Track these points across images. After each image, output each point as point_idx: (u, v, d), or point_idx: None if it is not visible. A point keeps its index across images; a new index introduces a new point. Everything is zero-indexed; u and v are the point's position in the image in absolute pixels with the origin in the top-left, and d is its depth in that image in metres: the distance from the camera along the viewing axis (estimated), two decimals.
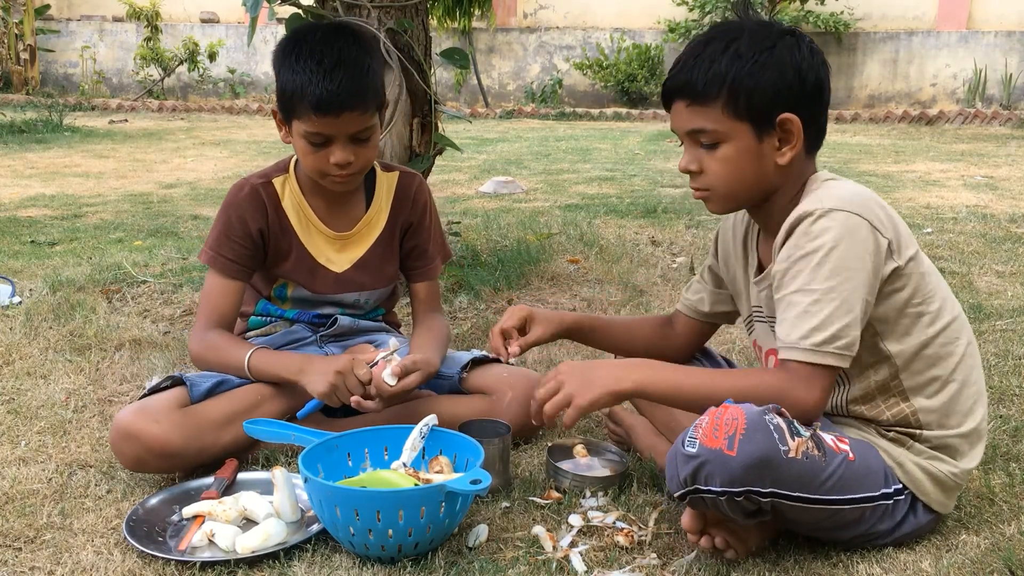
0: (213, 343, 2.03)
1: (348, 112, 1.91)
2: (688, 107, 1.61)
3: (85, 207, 5.34)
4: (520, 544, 1.64)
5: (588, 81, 12.64)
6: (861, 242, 1.51)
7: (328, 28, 2.00)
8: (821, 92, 1.61)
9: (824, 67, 1.61)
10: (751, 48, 1.56)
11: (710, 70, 1.57)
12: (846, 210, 1.51)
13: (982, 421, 1.66)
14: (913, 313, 1.58)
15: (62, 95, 12.35)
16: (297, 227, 2.11)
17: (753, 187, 1.64)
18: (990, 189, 5.71)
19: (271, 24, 11.73)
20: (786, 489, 1.45)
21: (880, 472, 1.57)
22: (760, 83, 1.56)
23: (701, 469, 1.44)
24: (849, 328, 1.50)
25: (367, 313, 2.26)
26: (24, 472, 1.93)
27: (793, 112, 1.58)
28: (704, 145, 1.62)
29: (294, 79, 1.90)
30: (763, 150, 1.60)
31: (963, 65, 11.52)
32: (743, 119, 1.58)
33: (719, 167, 1.61)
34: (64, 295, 3.19)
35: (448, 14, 4.61)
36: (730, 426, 1.43)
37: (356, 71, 1.91)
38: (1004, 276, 3.53)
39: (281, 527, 1.65)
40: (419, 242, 2.22)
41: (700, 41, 1.62)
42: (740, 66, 1.56)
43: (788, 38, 1.58)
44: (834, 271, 1.50)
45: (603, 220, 4.60)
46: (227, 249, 2.05)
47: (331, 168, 1.96)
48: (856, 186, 1.61)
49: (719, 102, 1.57)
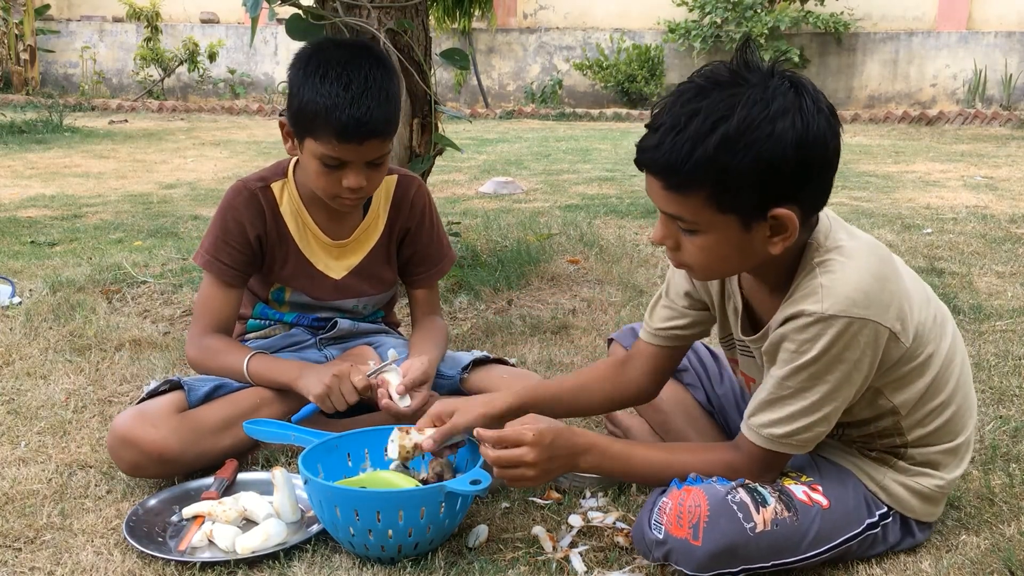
0: (211, 347, 2.03)
1: (370, 140, 1.89)
2: (664, 190, 1.38)
3: (85, 207, 5.34)
4: (520, 544, 1.64)
5: (588, 81, 12.64)
6: (859, 346, 1.40)
7: (353, 48, 1.95)
8: (828, 167, 1.39)
9: (833, 133, 1.37)
10: (744, 131, 1.30)
11: (693, 155, 1.32)
12: (848, 315, 1.38)
13: (971, 433, 1.63)
14: (917, 364, 1.50)
15: (62, 95, 12.33)
16: (295, 233, 2.10)
17: (739, 268, 1.51)
18: (990, 189, 5.71)
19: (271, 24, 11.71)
20: (760, 563, 1.47)
21: (861, 506, 1.56)
22: (752, 178, 1.32)
23: (670, 555, 1.47)
24: (814, 426, 1.47)
25: (366, 317, 2.26)
26: (24, 472, 1.93)
27: (790, 201, 1.36)
28: (682, 229, 1.43)
29: (318, 100, 1.85)
30: (751, 239, 1.40)
31: (963, 65, 11.52)
32: (728, 212, 1.37)
33: (698, 252, 1.44)
34: (64, 295, 3.18)
35: (448, 14, 4.61)
36: (693, 513, 1.43)
37: (382, 98, 1.88)
38: (1004, 276, 3.53)
39: (281, 527, 1.65)
40: (418, 248, 2.20)
41: (684, 110, 1.34)
42: (730, 156, 1.31)
43: (792, 106, 1.32)
44: (814, 375, 1.43)
45: (603, 220, 4.60)
46: (224, 254, 2.03)
47: (343, 191, 1.94)
48: (864, 260, 1.43)
49: (701, 194, 1.35)
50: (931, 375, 1.52)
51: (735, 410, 1.94)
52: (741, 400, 1.94)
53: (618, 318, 3.03)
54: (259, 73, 13.59)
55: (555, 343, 2.82)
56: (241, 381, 2.01)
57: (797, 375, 1.44)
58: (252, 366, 1.99)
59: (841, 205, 5.10)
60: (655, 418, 1.98)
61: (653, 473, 1.59)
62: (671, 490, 1.50)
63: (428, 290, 2.25)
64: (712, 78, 1.37)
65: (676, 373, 1.96)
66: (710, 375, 1.97)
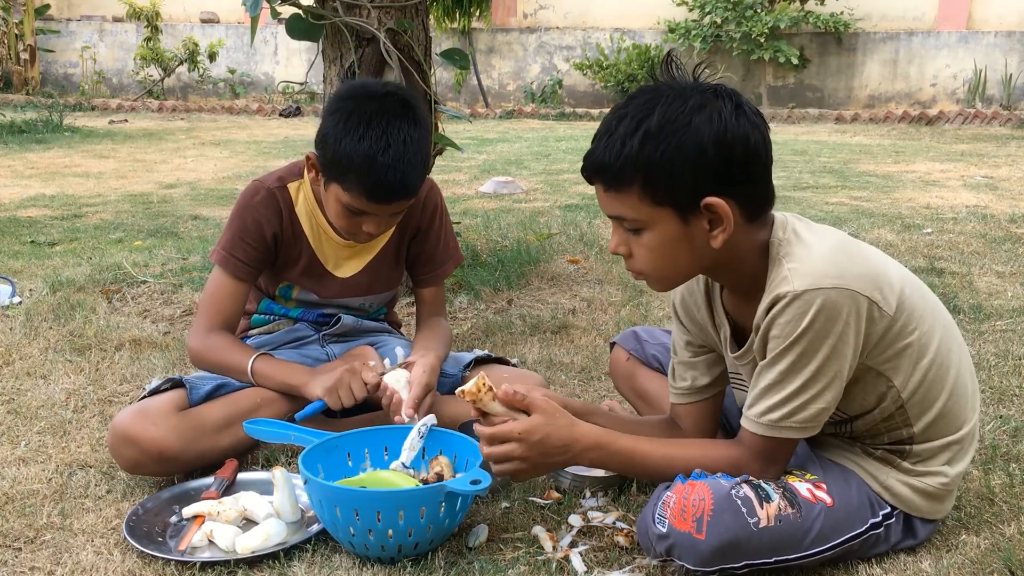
0: (215, 345, 2.03)
1: (400, 201, 1.93)
2: (605, 192, 1.48)
3: (85, 207, 5.34)
4: (520, 544, 1.64)
5: (588, 81, 12.64)
6: (841, 317, 1.42)
7: (395, 104, 1.92)
8: (754, 162, 1.45)
9: (758, 129, 1.45)
10: (664, 126, 1.41)
11: (622, 154, 1.42)
12: (821, 287, 1.41)
13: (975, 425, 1.63)
14: (911, 341, 1.51)
15: (62, 95, 12.34)
16: (309, 233, 2.11)
17: (689, 269, 1.55)
18: (990, 189, 5.71)
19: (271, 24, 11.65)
20: (762, 559, 1.47)
21: (864, 505, 1.56)
22: (676, 167, 1.41)
23: (673, 549, 1.47)
24: (809, 404, 1.47)
25: (370, 315, 2.27)
26: (24, 472, 1.93)
27: (721, 192, 1.43)
28: (628, 230, 1.50)
29: (353, 158, 1.86)
30: (692, 233, 1.47)
31: (963, 65, 11.52)
32: (663, 205, 1.45)
33: (646, 254, 1.50)
34: (64, 295, 3.19)
35: (447, 14, 4.61)
36: (697, 507, 1.44)
37: (416, 162, 1.90)
38: (1004, 276, 3.53)
39: (281, 527, 1.65)
40: (427, 247, 2.22)
41: (613, 116, 1.46)
42: (652, 148, 1.41)
43: (710, 104, 1.42)
44: (803, 354, 1.44)
45: (603, 220, 4.60)
46: (240, 251, 2.04)
47: (360, 234, 1.98)
48: (826, 240, 1.50)
49: (634, 189, 1.44)
50: (928, 358, 1.52)
51: (737, 412, 1.93)
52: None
53: (618, 318, 3.04)
54: (259, 73, 13.58)
55: (555, 343, 2.82)
56: (242, 380, 2.01)
57: (785, 356, 1.46)
58: (257, 366, 1.99)
59: (841, 205, 5.11)
60: None
61: (657, 469, 1.59)
62: (675, 484, 1.50)
63: (434, 290, 2.26)
64: (640, 88, 1.50)
65: None
66: None
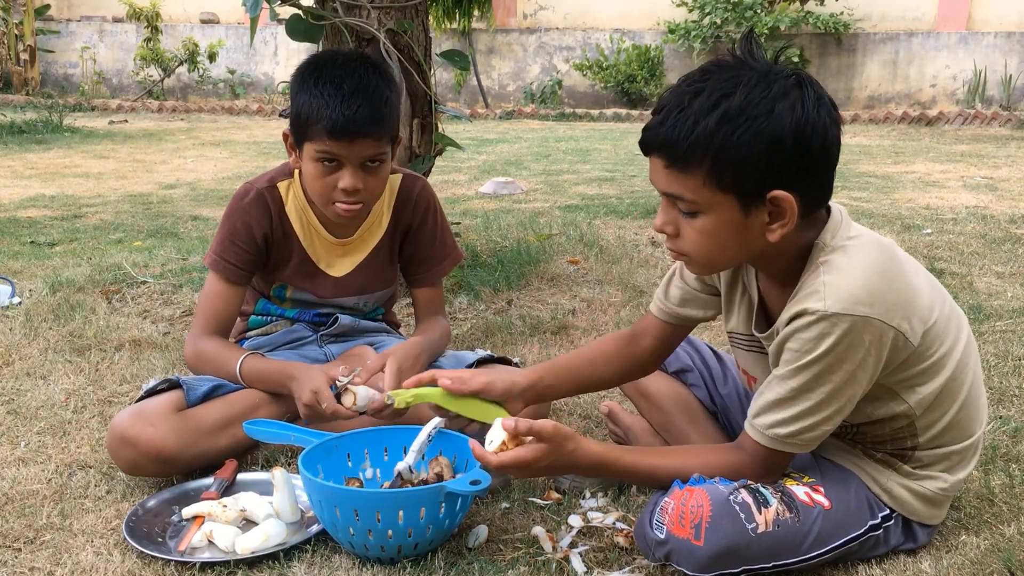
0: (207, 350, 2.04)
1: (362, 138, 1.91)
2: (666, 168, 1.40)
3: (85, 207, 5.34)
4: (520, 545, 1.64)
5: (588, 82, 12.64)
6: (863, 345, 1.39)
7: (349, 55, 2.00)
8: (826, 157, 1.40)
9: (836, 124, 1.40)
10: (745, 109, 1.34)
11: (694, 132, 1.35)
12: (850, 313, 1.38)
13: (980, 436, 1.62)
14: (929, 364, 1.49)
15: (62, 96, 12.35)
16: (299, 232, 2.11)
17: (736, 258, 1.50)
18: (990, 190, 5.71)
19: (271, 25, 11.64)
20: (760, 564, 1.47)
21: (863, 507, 1.55)
22: (751, 155, 1.34)
23: (671, 555, 1.47)
24: (818, 425, 1.47)
25: (367, 315, 2.26)
26: (24, 472, 1.93)
27: (789, 186, 1.37)
28: (682, 211, 1.44)
29: (311, 102, 1.90)
30: (749, 224, 1.41)
31: (963, 66, 11.52)
32: (727, 191, 1.38)
33: (697, 237, 1.44)
34: (64, 295, 3.18)
35: (447, 15, 4.61)
36: (695, 514, 1.44)
37: (374, 99, 1.92)
38: (1004, 277, 3.53)
39: (281, 528, 1.65)
40: (421, 246, 2.21)
41: (688, 89, 1.38)
42: (729, 131, 1.34)
43: (793, 92, 1.36)
44: (819, 375, 1.42)
45: (603, 221, 4.60)
46: (231, 254, 2.04)
47: (338, 194, 1.95)
48: (870, 258, 1.43)
49: (701, 170, 1.37)
50: (944, 376, 1.50)
51: (739, 411, 1.94)
52: (745, 400, 1.94)
53: (618, 318, 3.04)
54: (259, 73, 13.59)
55: (555, 343, 2.82)
56: (236, 384, 2.01)
57: (801, 374, 1.44)
58: (245, 368, 1.99)
59: (841, 205, 5.10)
60: (656, 418, 1.98)
61: (658, 480, 1.60)
62: (673, 490, 1.50)
63: (429, 289, 2.25)
64: (717, 62, 1.41)
65: (680, 373, 1.97)
66: (713, 376, 1.97)
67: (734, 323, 1.67)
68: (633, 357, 1.83)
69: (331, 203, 1.98)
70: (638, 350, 1.82)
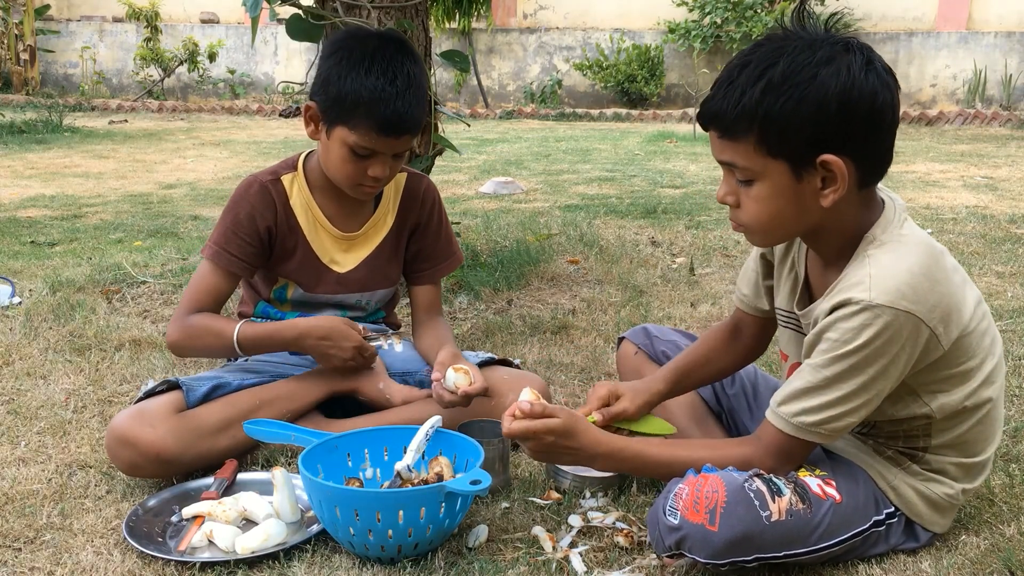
0: (196, 322, 2.00)
1: (407, 135, 1.93)
2: (720, 139, 1.47)
3: (85, 207, 5.34)
4: (520, 544, 1.64)
5: (588, 82, 12.64)
6: (901, 339, 1.41)
7: (392, 41, 1.97)
8: (878, 122, 1.41)
9: (888, 88, 1.41)
10: (787, 76, 1.38)
11: (740, 102, 1.40)
12: (895, 307, 1.39)
13: (990, 456, 1.62)
14: (957, 372, 1.50)
15: (62, 95, 12.34)
16: (304, 226, 2.10)
17: (794, 227, 1.52)
18: (990, 190, 5.71)
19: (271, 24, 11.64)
20: (772, 552, 1.47)
21: (870, 502, 1.56)
22: (795, 120, 1.38)
23: (684, 541, 1.46)
24: (844, 416, 1.47)
25: (368, 315, 2.26)
26: (24, 472, 1.93)
27: (839, 150, 1.40)
28: (739, 180, 1.49)
29: (361, 92, 1.87)
30: (803, 190, 1.44)
31: (963, 66, 11.52)
32: (778, 157, 1.42)
33: (754, 205, 1.48)
34: (64, 295, 3.19)
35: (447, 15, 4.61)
36: (710, 499, 1.44)
37: (420, 96, 1.92)
38: (1004, 277, 3.53)
39: (281, 527, 1.65)
40: (425, 245, 2.22)
41: (737, 63, 1.44)
42: (772, 100, 1.38)
43: (841, 57, 1.38)
44: (854, 367, 1.43)
45: (603, 221, 4.60)
46: (234, 246, 2.03)
47: (366, 180, 1.97)
48: (919, 258, 1.44)
49: (750, 138, 1.42)
50: (969, 388, 1.51)
51: (746, 412, 1.94)
52: (753, 402, 1.95)
53: (618, 318, 3.04)
54: (259, 73, 13.59)
55: (555, 343, 2.82)
56: (228, 354, 2.01)
57: (837, 363, 1.44)
58: (243, 333, 1.98)
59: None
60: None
61: (668, 470, 1.59)
62: (688, 476, 1.49)
63: (431, 288, 2.25)
64: (768, 35, 1.47)
65: None
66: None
67: (780, 299, 1.71)
68: (740, 348, 1.88)
69: (356, 186, 2.00)
70: (742, 341, 1.87)
